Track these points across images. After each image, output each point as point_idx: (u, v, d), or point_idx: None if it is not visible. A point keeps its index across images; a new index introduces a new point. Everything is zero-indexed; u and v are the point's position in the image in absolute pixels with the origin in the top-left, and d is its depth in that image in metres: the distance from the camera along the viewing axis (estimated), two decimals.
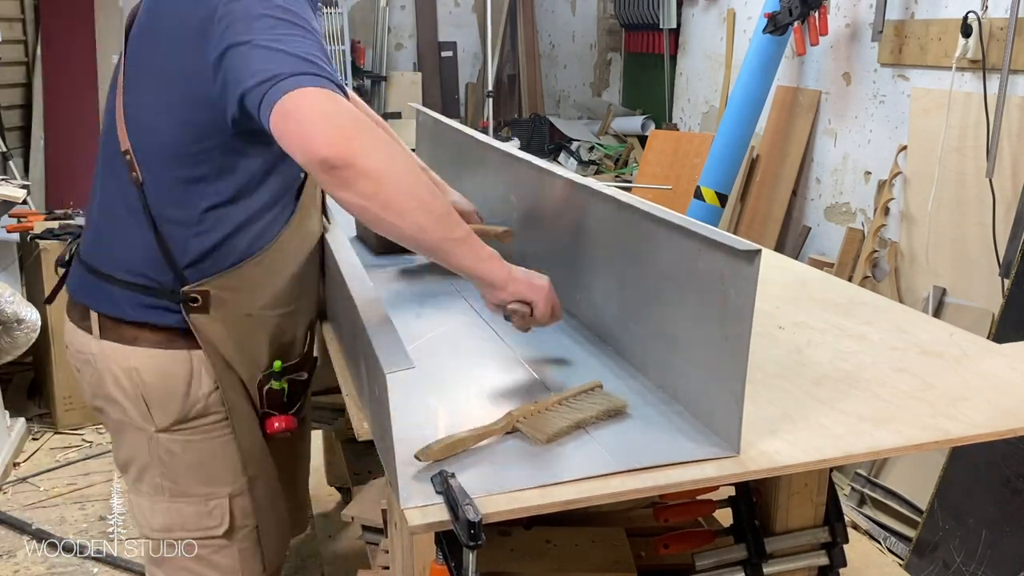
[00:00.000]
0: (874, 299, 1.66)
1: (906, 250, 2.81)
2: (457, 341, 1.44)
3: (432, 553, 1.01)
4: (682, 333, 1.15)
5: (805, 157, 3.42)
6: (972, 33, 2.49)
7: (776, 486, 1.34)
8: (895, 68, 2.92)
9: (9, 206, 3.26)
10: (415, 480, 0.97)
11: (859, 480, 2.67)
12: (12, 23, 4.38)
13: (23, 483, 2.88)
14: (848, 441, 1.09)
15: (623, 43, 5.57)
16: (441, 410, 1.18)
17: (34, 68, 4.51)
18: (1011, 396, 1.22)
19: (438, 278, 1.77)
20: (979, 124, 2.51)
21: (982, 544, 2.18)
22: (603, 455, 1.04)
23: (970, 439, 1.12)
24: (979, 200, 2.52)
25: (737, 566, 1.34)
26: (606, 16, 5.79)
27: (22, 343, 2.94)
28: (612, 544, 1.52)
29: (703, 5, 4.29)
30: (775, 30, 3.18)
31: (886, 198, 2.89)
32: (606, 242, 1.37)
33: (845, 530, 1.40)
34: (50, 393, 3.30)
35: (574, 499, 0.96)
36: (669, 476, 1.00)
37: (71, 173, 4.52)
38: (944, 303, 2.62)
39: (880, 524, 2.57)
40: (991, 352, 1.39)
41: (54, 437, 3.22)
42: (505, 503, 0.94)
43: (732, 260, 1.02)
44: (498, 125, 5.39)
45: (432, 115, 2.55)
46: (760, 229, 3.54)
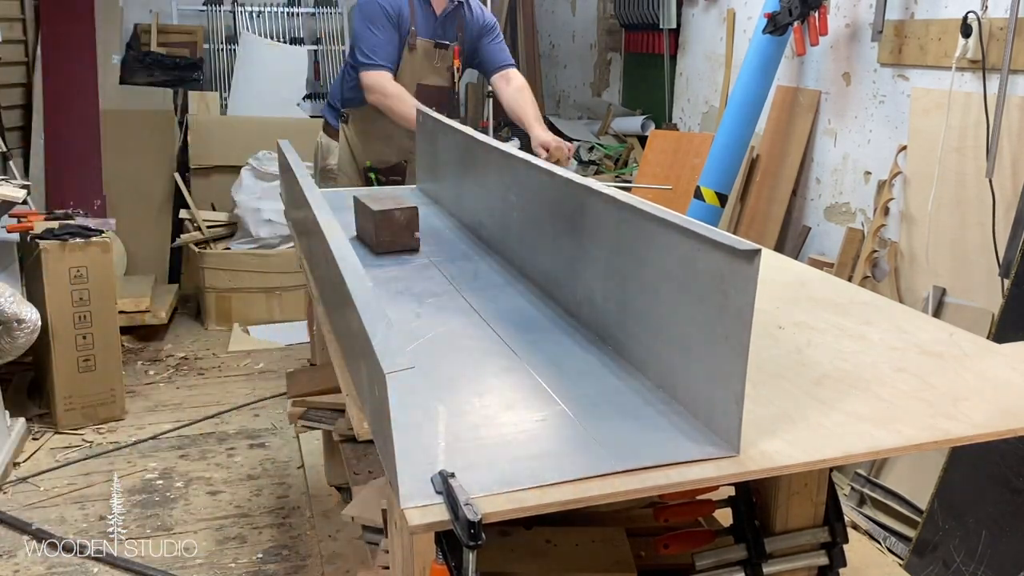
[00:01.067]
0: (874, 299, 1.66)
1: (906, 250, 2.81)
2: (457, 341, 1.44)
3: (432, 553, 1.02)
4: (682, 332, 1.15)
5: (805, 157, 3.42)
6: (972, 33, 2.49)
7: (776, 486, 1.34)
8: (895, 68, 2.92)
9: (9, 206, 3.26)
10: (415, 480, 0.97)
11: (859, 480, 2.67)
12: (12, 23, 4.38)
13: (23, 483, 2.88)
14: (848, 441, 1.09)
15: (623, 43, 5.57)
16: (441, 410, 1.18)
17: (34, 68, 4.52)
18: (1011, 396, 1.22)
19: (438, 278, 1.77)
20: (979, 124, 2.51)
21: (982, 544, 2.18)
22: (603, 455, 1.04)
23: (970, 439, 1.12)
24: (979, 200, 2.52)
25: (737, 566, 1.34)
26: (606, 16, 5.78)
27: (22, 343, 2.94)
28: (612, 544, 1.52)
29: (703, 5, 4.29)
30: (775, 30, 3.18)
31: (886, 198, 2.89)
32: (606, 242, 1.37)
33: (845, 530, 1.40)
34: (50, 393, 3.30)
35: (573, 499, 0.96)
36: (669, 476, 1.00)
37: (71, 173, 4.52)
38: (944, 303, 2.62)
39: (880, 524, 2.57)
40: (991, 352, 1.39)
41: (54, 437, 3.22)
42: (505, 503, 0.94)
43: (732, 259, 1.02)
44: (498, 125, 5.38)
45: (432, 115, 2.55)
46: (760, 229, 3.54)
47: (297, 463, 3.04)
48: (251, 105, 4.96)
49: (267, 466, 3.04)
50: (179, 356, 4.06)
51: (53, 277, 3.17)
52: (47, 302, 3.14)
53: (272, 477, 2.97)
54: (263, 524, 2.68)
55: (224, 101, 5.10)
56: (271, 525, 2.68)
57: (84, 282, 3.22)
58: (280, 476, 2.97)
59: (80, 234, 3.24)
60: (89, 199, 4.49)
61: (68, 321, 3.20)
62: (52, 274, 3.17)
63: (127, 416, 3.40)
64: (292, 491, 2.87)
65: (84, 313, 3.23)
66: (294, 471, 3.00)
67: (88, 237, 3.24)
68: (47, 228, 3.26)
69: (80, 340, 3.24)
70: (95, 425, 3.31)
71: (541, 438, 1.10)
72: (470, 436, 1.09)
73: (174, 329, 4.40)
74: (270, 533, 2.63)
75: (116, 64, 4.79)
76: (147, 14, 5.14)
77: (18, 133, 4.49)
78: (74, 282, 3.21)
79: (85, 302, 3.23)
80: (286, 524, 2.68)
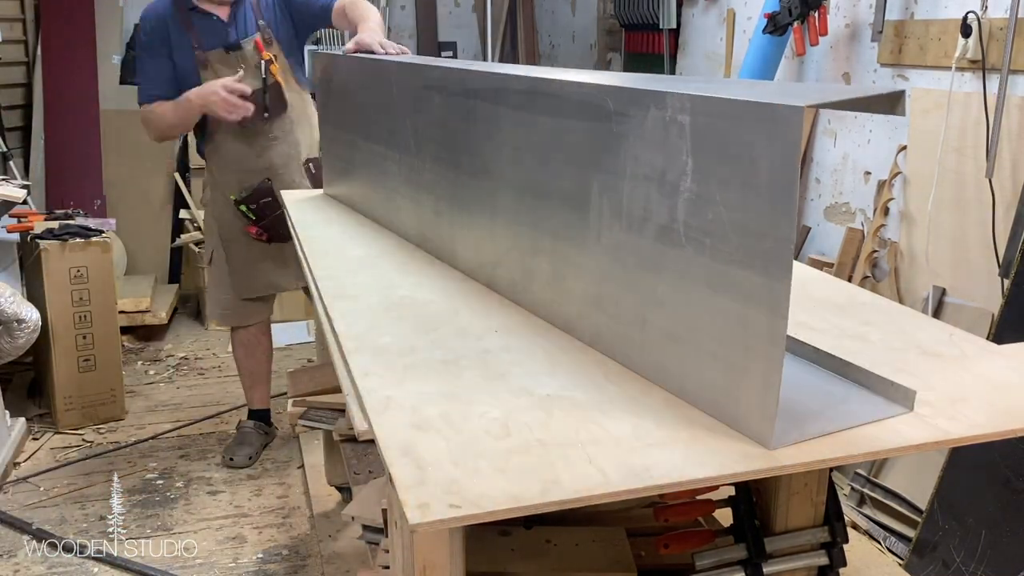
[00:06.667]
0: (874, 299, 1.66)
1: (906, 250, 2.82)
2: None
3: (432, 553, 1.01)
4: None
5: (805, 157, 3.42)
6: (972, 33, 2.49)
7: (776, 486, 1.35)
8: (895, 68, 2.92)
9: (9, 206, 3.26)
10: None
11: (859, 480, 2.67)
12: (12, 23, 4.38)
13: (23, 483, 2.88)
14: (848, 441, 1.08)
15: (623, 43, 5.57)
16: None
17: (34, 68, 4.52)
18: (1011, 396, 1.22)
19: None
20: (979, 124, 2.51)
21: (982, 544, 2.18)
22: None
23: (970, 439, 1.12)
24: (979, 200, 2.52)
25: (737, 566, 1.34)
26: (606, 16, 5.78)
27: (22, 343, 2.94)
28: (612, 544, 1.52)
29: (703, 5, 4.29)
30: (775, 30, 3.18)
31: (886, 198, 2.89)
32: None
33: (845, 530, 1.41)
34: (50, 393, 3.30)
35: (574, 499, 0.96)
36: (669, 476, 1.00)
37: (71, 173, 4.53)
38: (944, 303, 2.62)
39: (880, 524, 2.57)
40: (991, 352, 1.39)
41: (54, 437, 3.22)
42: (505, 503, 0.94)
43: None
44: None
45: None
46: None
47: (297, 463, 3.04)
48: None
49: (267, 466, 3.04)
50: (179, 356, 4.06)
51: (53, 277, 3.17)
52: (47, 302, 3.14)
53: (272, 477, 2.97)
54: (263, 524, 2.68)
55: None
56: (271, 525, 2.68)
57: (84, 282, 3.22)
58: (280, 476, 2.97)
59: (80, 234, 3.24)
60: (89, 199, 4.49)
61: (68, 321, 3.20)
62: (52, 274, 3.17)
63: (127, 416, 3.40)
64: (292, 491, 2.87)
65: (84, 313, 3.23)
66: (294, 471, 3.00)
67: (88, 237, 3.24)
68: (47, 228, 3.26)
69: (80, 340, 3.24)
70: (95, 425, 3.31)
71: None
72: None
73: (174, 329, 4.40)
74: (270, 533, 2.63)
75: (116, 64, 4.79)
76: None
77: (18, 133, 4.50)
78: (74, 282, 3.21)
79: (85, 302, 3.23)
80: (286, 524, 2.68)
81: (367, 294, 1.65)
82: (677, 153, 1.12)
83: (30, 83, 4.53)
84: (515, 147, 1.49)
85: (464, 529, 1.17)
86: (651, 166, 1.17)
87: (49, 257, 3.16)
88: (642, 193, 1.19)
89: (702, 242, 1.10)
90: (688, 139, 1.10)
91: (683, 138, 1.10)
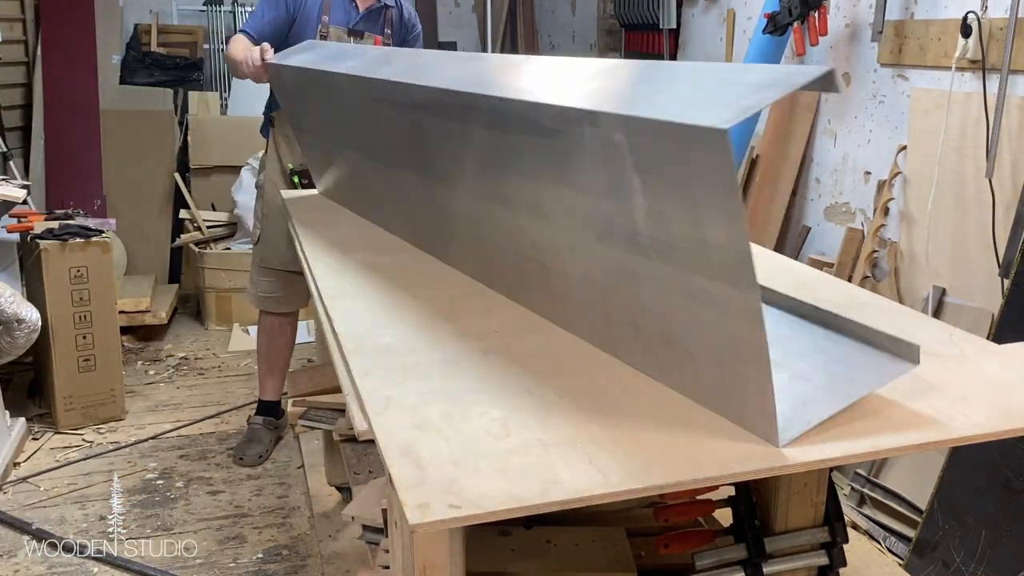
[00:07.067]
0: (874, 299, 1.66)
1: (906, 250, 2.82)
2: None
3: (432, 553, 1.01)
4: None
5: (805, 157, 3.42)
6: (972, 33, 2.49)
7: (776, 486, 1.35)
8: (895, 68, 2.92)
9: (9, 206, 3.26)
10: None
11: (859, 480, 2.67)
12: (12, 23, 4.38)
13: (23, 483, 2.88)
14: (848, 441, 1.08)
15: (623, 43, 5.56)
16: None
17: (34, 68, 4.52)
18: (1011, 396, 1.22)
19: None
20: (979, 124, 2.51)
21: (982, 544, 2.18)
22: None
23: (970, 439, 1.12)
24: (979, 200, 2.52)
25: (737, 566, 1.34)
26: (606, 16, 5.78)
27: (22, 343, 2.94)
28: (612, 544, 1.52)
29: (703, 5, 4.29)
30: (775, 30, 3.18)
31: (886, 198, 2.89)
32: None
33: (845, 530, 1.41)
34: (50, 393, 3.30)
35: (574, 499, 0.96)
36: (669, 476, 1.00)
37: (71, 173, 4.52)
38: (944, 303, 2.62)
39: (880, 524, 2.57)
40: (991, 352, 1.39)
41: (54, 437, 3.22)
42: (505, 503, 0.94)
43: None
44: None
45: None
46: (760, 229, 3.54)
47: (297, 463, 3.04)
48: (251, 105, 4.95)
49: (267, 466, 3.04)
50: (179, 356, 4.06)
51: (53, 277, 3.17)
52: (47, 302, 3.14)
53: (272, 477, 2.97)
54: (263, 524, 2.68)
55: (224, 101, 5.10)
56: (271, 525, 2.68)
57: (84, 282, 3.22)
58: (280, 476, 2.97)
59: (80, 234, 3.24)
60: (89, 199, 4.49)
61: (68, 321, 3.20)
62: (52, 274, 3.17)
63: (127, 416, 3.40)
64: (292, 491, 2.87)
65: (84, 313, 3.23)
66: (294, 471, 3.00)
67: (88, 237, 3.24)
68: (47, 228, 3.26)
69: (80, 340, 3.24)
70: (95, 425, 3.30)
71: None
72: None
73: (174, 329, 4.40)
74: (270, 533, 2.63)
75: (116, 64, 4.79)
76: (147, 14, 5.14)
77: (18, 133, 4.49)
78: (74, 282, 3.21)
79: (85, 302, 3.23)
80: (286, 524, 2.68)
81: (367, 294, 1.65)
82: (622, 170, 1.08)
83: (30, 83, 4.53)
84: (480, 159, 1.50)
85: (464, 529, 1.17)
86: (602, 182, 1.15)
87: (49, 257, 3.16)
88: (602, 207, 1.17)
89: (668, 254, 1.08)
90: (628, 156, 1.06)
91: (623, 155, 1.07)
